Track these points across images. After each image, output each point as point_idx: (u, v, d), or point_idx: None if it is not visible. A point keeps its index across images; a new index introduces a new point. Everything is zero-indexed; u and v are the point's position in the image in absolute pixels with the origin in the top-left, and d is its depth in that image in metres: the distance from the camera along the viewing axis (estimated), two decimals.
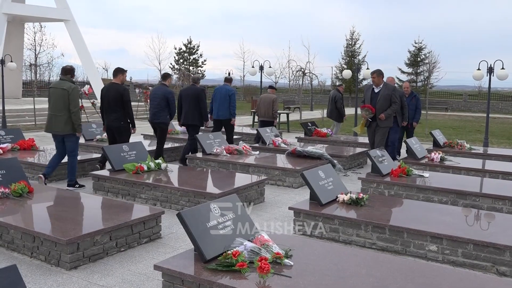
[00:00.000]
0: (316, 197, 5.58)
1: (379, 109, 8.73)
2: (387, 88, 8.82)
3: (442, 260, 4.64)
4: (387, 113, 8.76)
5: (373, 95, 8.86)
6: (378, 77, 8.82)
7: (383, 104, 8.74)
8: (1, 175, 5.92)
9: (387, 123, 8.92)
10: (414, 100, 10.87)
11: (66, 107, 7.09)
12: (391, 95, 8.75)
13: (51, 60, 48.16)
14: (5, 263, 4.43)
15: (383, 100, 8.73)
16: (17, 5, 23.64)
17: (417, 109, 10.93)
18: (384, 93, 8.75)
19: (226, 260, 3.65)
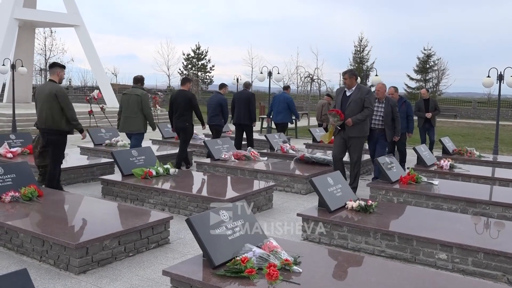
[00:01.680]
0: (325, 203, 5.56)
1: (348, 115, 7.45)
2: (360, 91, 7.54)
3: (452, 269, 4.60)
4: (356, 118, 7.39)
5: (344, 99, 7.61)
6: (350, 79, 7.58)
7: (353, 109, 7.44)
8: (11, 179, 5.96)
9: (359, 132, 7.54)
10: (404, 107, 9.55)
11: (139, 110, 8.56)
12: (364, 99, 7.46)
13: None
14: (15, 266, 4.46)
15: (354, 105, 7.45)
16: (28, 10, 23.90)
17: (409, 117, 9.61)
18: (355, 97, 7.46)
19: (235, 266, 3.64)
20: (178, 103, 9.40)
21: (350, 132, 7.49)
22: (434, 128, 11.91)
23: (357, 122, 7.43)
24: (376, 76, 14.99)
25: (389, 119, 8.43)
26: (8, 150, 9.01)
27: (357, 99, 7.45)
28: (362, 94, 7.48)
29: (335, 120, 7.46)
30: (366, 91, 7.60)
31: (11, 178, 5.96)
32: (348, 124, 7.41)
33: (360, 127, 7.51)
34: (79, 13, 25.07)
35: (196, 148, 11.87)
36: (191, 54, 53.90)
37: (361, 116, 7.42)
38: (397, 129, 8.60)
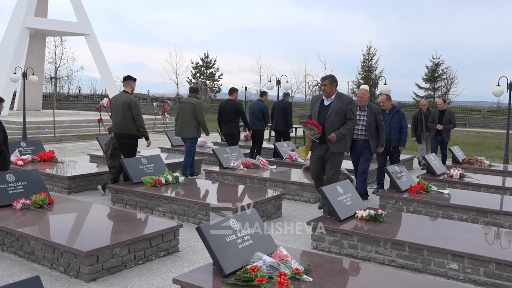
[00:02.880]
0: (335, 212, 5.54)
1: (329, 128, 6.41)
2: (340, 100, 6.51)
3: (464, 279, 4.56)
4: (340, 132, 6.39)
5: (322, 109, 6.57)
6: (331, 85, 6.53)
7: (334, 122, 6.43)
8: (23, 186, 6.01)
9: (341, 147, 6.55)
10: (397, 117, 8.50)
11: (194, 117, 9.23)
12: (346, 110, 6.47)
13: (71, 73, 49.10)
14: (26, 274, 4.48)
15: (334, 116, 6.43)
16: (39, 19, 24.18)
17: (402, 128, 8.50)
18: (336, 107, 6.44)
19: (245, 275, 3.64)
20: (226, 111, 10.30)
21: (333, 147, 6.49)
22: (447, 142, 11.27)
23: (341, 137, 6.47)
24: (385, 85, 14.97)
25: (372, 128, 7.66)
26: (19, 158, 9.08)
27: (338, 110, 6.45)
28: (343, 104, 6.47)
29: (312, 134, 6.42)
30: (348, 100, 6.58)
31: (22, 185, 6.01)
32: (332, 139, 6.39)
33: (344, 141, 6.58)
34: (89, 22, 25.31)
35: (205, 156, 11.90)
36: (199, 63, 54.20)
37: (345, 130, 6.46)
38: (381, 139, 7.76)
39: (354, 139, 7.66)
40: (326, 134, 6.43)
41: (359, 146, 7.75)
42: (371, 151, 7.74)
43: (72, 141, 17.21)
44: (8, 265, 4.72)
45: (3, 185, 5.85)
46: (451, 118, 11.16)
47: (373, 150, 7.73)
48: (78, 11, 25.13)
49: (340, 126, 6.46)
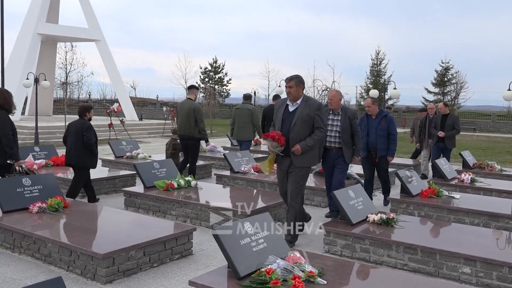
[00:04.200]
0: (346, 216, 5.58)
1: (294, 139, 5.47)
2: (308, 105, 5.55)
3: (476, 283, 4.58)
4: (306, 144, 5.45)
5: (286, 116, 5.61)
6: (297, 87, 5.54)
7: (299, 131, 5.48)
8: (38, 190, 6.11)
9: (308, 161, 5.62)
10: (384, 123, 7.59)
11: (250, 121, 10.34)
12: (314, 117, 5.51)
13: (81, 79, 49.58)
14: (43, 276, 4.56)
15: (301, 124, 5.48)
16: (50, 25, 24.47)
17: (390, 135, 7.59)
18: (302, 113, 5.49)
19: (259, 278, 3.69)
20: (270, 116, 10.38)
21: (297, 161, 5.53)
22: (450, 150, 10.44)
23: (307, 149, 5.51)
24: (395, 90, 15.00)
25: (347, 135, 6.68)
26: (33, 162, 9.20)
27: (304, 117, 5.49)
28: (311, 110, 5.51)
29: (274, 146, 5.51)
30: (316, 106, 5.58)
31: (38, 189, 6.11)
32: (297, 152, 5.46)
33: (311, 154, 5.61)
34: (100, 28, 25.59)
35: (215, 160, 11.98)
36: (208, 68, 54.42)
37: (312, 141, 5.50)
38: (357, 147, 6.78)
39: (326, 148, 6.72)
40: (290, 145, 5.48)
41: (332, 155, 6.74)
42: (346, 161, 6.73)
43: None
44: (25, 268, 4.81)
45: (19, 189, 5.96)
46: (455, 123, 10.25)
47: (348, 160, 6.73)
48: (89, 17, 25.42)
49: (307, 136, 5.52)
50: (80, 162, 7.23)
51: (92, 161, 7.34)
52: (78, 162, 7.23)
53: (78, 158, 7.20)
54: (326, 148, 6.71)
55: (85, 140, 7.12)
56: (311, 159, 5.67)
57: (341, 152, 6.69)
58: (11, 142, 6.25)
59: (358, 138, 6.79)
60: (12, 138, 6.27)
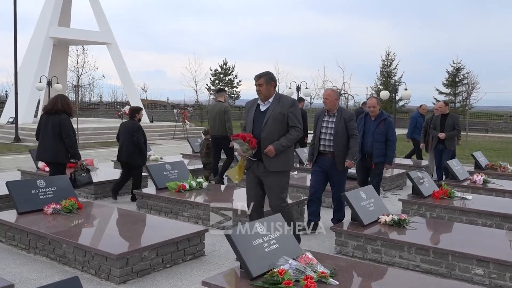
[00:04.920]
0: (358, 217, 5.59)
1: (266, 140, 5.00)
2: (280, 103, 5.10)
3: (489, 284, 4.56)
4: (279, 144, 4.99)
5: (258, 116, 5.16)
6: (267, 86, 5.10)
7: (272, 131, 5.02)
8: (53, 192, 6.19)
9: (283, 164, 5.11)
10: (382, 127, 7.05)
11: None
12: (288, 115, 5.07)
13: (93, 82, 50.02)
14: (58, 276, 4.63)
15: (273, 124, 5.03)
16: (62, 29, 24.73)
17: (389, 141, 7.05)
18: (274, 112, 5.05)
19: (272, 278, 3.71)
20: (305, 118, 11.23)
21: (269, 165, 5.04)
22: (450, 151, 9.76)
23: (282, 150, 5.03)
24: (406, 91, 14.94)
25: (341, 138, 6.12)
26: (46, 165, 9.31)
27: (277, 115, 5.04)
28: (284, 107, 5.07)
29: (244, 149, 5.00)
30: (290, 103, 5.13)
31: (52, 191, 6.19)
32: (269, 153, 4.98)
33: (285, 157, 5.12)
34: (111, 31, 25.79)
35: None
36: (218, 70, 54.56)
37: (287, 141, 5.04)
38: (352, 150, 6.15)
39: (320, 152, 6.24)
40: (262, 147, 5.00)
41: (326, 160, 6.20)
42: (338, 168, 6.19)
43: (95, 148, 17.53)
44: (41, 268, 4.88)
45: (34, 190, 6.04)
46: (455, 123, 9.65)
47: (339, 166, 6.15)
48: (100, 20, 25.64)
49: (281, 136, 5.05)
50: (130, 159, 7.95)
51: (141, 158, 8.04)
52: (129, 160, 7.97)
53: (129, 156, 7.95)
54: (320, 152, 6.24)
55: (135, 140, 7.84)
56: (286, 161, 5.13)
57: (331, 156, 6.16)
58: (74, 143, 6.90)
59: (354, 141, 6.20)
60: (74, 139, 6.95)
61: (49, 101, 7.12)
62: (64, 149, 6.82)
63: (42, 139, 6.89)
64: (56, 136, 6.75)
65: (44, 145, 6.86)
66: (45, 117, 6.92)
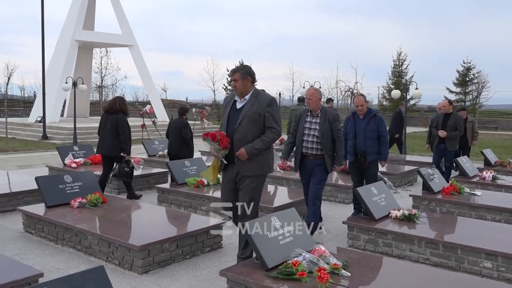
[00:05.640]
0: (370, 212, 5.58)
1: (239, 140, 4.42)
2: (257, 100, 4.48)
3: (498, 277, 4.52)
4: (252, 146, 4.38)
5: (233, 114, 4.56)
6: (243, 81, 4.47)
7: (246, 131, 4.42)
8: (79, 186, 6.30)
9: (258, 168, 4.50)
10: (373, 123, 6.46)
11: None
12: (265, 115, 4.44)
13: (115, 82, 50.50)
14: (84, 266, 4.71)
15: (248, 123, 4.42)
16: (87, 32, 24.99)
17: (381, 137, 6.47)
18: (250, 111, 4.44)
19: (286, 269, 3.73)
20: None
21: (243, 168, 4.45)
22: (452, 152, 9.06)
23: (255, 153, 4.41)
24: (417, 90, 14.81)
25: (327, 140, 5.63)
26: (72, 161, 9.48)
27: (252, 115, 4.42)
28: (260, 106, 4.44)
29: (216, 150, 4.46)
30: (268, 101, 4.48)
31: (78, 186, 6.30)
32: (241, 156, 4.39)
33: (261, 160, 4.50)
34: (132, 34, 25.99)
35: None
36: None
37: (261, 143, 4.41)
38: (338, 154, 5.70)
39: (303, 154, 5.75)
40: (235, 149, 4.43)
41: (309, 163, 5.70)
42: (326, 170, 5.69)
43: None
44: (68, 258, 4.98)
45: (62, 185, 6.16)
46: (458, 123, 8.87)
47: (329, 169, 5.71)
48: (122, 24, 25.86)
49: (254, 136, 4.43)
50: (179, 153, 8.40)
51: (189, 152, 8.51)
52: (178, 153, 8.41)
53: (178, 150, 8.44)
54: (303, 154, 5.74)
55: (183, 135, 8.35)
56: (261, 165, 4.51)
57: (320, 159, 5.65)
58: (127, 139, 7.38)
59: (339, 145, 5.70)
60: (128, 136, 7.41)
61: (108, 102, 7.69)
62: (118, 144, 7.32)
63: (102, 135, 7.46)
64: (114, 133, 7.30)
65: (104, 140, 7.42)
66: (105, 116, 7.47)
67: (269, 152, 4.61)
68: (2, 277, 3.58)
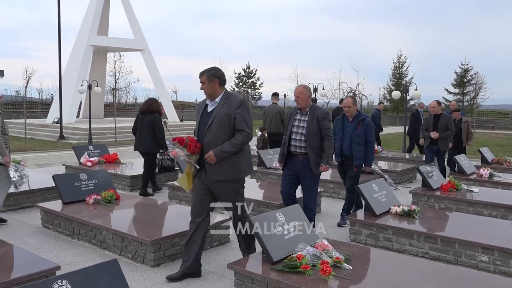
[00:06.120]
0: (371, 208, 5.57)
1: (208, 144, 4.09)
2: (228, 102, 4.15)
3: (494, 271, 4.49)
4: (222, 150, 4.03)
5: (204, 117, 4.23)
6: (210, 83, 4.15)
7: (216, 134, 4.09)
8: (94, 184, 6.33)
9: (224, 172, 4.11)
10: (361, 128, 6.10)
11: None
12: (235, 117, 4.10)
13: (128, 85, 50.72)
14: (99, 259, 4.74)
15: (216, 126, 4.10)
16: (101, 37, 25.11)
17: (368, 143, 6.11)
18: (220, 113, 4.11)
19: (291, 263, 3.74)
20: None
21: (212, 173, 4.12)
22: (444, 152, 8.84)
23: (224, 156, 4.05)
24: (416, 91, 14.75)
25: (314, 139, 5.23)
26: (87, 160, 9.52)
27: (222, 117, 4.09)
28: (231, 108, 4.11)
29: (187, 155, 4.13)
30: (238, 103, 4.15)
31: (93, 183, 6.33)
32: (210, 160, 4.06)
33: (231, 164, 4.13)
34: (144, 39, 26.07)
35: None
36: (242, 73, 54.69)
37: (231, 146, 4.05)
38: (326, 153, 5.24)
39: (291, 153, 5.36)
40: (205, 153, 4.10)
41: (297, 162, 5.31)
42: (313, 172, 5.27)
43: (131, 145, 17.74)
44: (83, 252, 5.01)
45: (77, 183, 6.19)
46: (448, 123, 8.60)
47: (314, 170, 5.25)
48: (135, 29, 25.94)
49: (223, 139, 4.09)
50: None
51: None
52: None
53: None
54: (291, 153, 5.36)
55: None
56: (232, 169, 4.12)
57: (308, 159, 5.25)
58: (163, 137, 7.80)
59: (328, 143, 5.27)
60: (163, 134, 7.80)
61: (144, 103, 8.08)
62: (156, 142, 7.72)
63: (139, 134, 7.80)
64: (151, 131, 7.67)
65: (141, 139, 7.80)
66: (141, 117, 7.82)
67: (240, 156, 4.17)
68: (22, 269, 3.62)
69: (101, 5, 24.61)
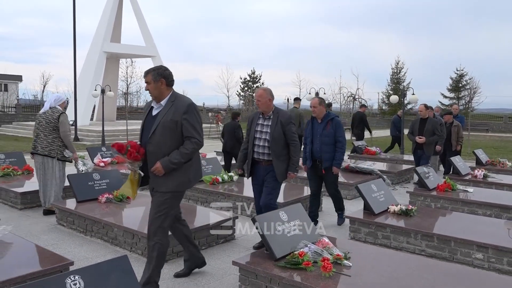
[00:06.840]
0: (369, 207, 5.53)
1: (153, 153, 3.58)
2: (175, 106, 3.60)
3: (488, 268, 4.45)
4: (168, 161, 3.51)
5: (148, 121, 3.71)
6: (156, 83, 3.63)
7: (161, 142, 3.56)
8: (106, 183, 6.34)
9: (171, 183, 3.58)
10: (330, 128, 5.70)
11: None
12: (182, 123, 3.56)
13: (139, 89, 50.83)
14: (111, 255, 4.73)
15: (161, 132, 3.56)
16: (114, 44, 25.19)
17: (338, 143, 5.71)
18: (166, 118, 3.57)
19: (293, 259, 3.72)
20: None
21: (157, 184, 3.61)
22: (429, 158, 8.29)
23: (172, 168, 3.53)
24: (413, 95, 14.67)
25: (279, 145, 4.73)
26: (100, 160, 9.55)
27: (168, 123, 3.55)
28: (177, 114, 3.56)
29: (129, 162, 3.64)
30: (185, 107, 3.58)
31: (106, 183, 6.34)
32: (157, 172, 3.54)
33: (178, 175, 3.60)
34: (155, 46, 26.13)
35: None
36: (247, 78, 54.68)
37: (179, 155, 3.53)
38: (293, 160, 4.78)
39: (254, 160, 4.87)
40: (148, 163, 3.60)
41: (261, 169, 4.83)
42: (277, 178, 4.77)
43: None
44: (95, 248, 5.01)
45: (90, 182, 6.20)
46: (435, 128, 8.12)
47: (280, 177, 4.76)
48: (146, 36, 26.01)
49: (173, 149, 3.56)
50: (233, 151, 8.99)
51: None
52: (232, 151, 9.06)
53: (232, 148, 9.06)
54: (254, 160, 4.86)
55: (236, 135, 9.06)
56: (179, 180, 3.60)
57: (272, 166, 4.75)
58: None
59: (294, 149, 4.76)
60: None
61: None
62: None
63: None
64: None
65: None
66: None
67: (189, 165, 3.64)
68: (37, 264, 3.62)
69: (114, 14, 24.69)
